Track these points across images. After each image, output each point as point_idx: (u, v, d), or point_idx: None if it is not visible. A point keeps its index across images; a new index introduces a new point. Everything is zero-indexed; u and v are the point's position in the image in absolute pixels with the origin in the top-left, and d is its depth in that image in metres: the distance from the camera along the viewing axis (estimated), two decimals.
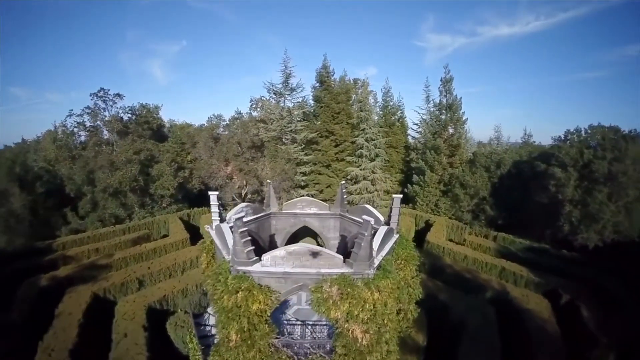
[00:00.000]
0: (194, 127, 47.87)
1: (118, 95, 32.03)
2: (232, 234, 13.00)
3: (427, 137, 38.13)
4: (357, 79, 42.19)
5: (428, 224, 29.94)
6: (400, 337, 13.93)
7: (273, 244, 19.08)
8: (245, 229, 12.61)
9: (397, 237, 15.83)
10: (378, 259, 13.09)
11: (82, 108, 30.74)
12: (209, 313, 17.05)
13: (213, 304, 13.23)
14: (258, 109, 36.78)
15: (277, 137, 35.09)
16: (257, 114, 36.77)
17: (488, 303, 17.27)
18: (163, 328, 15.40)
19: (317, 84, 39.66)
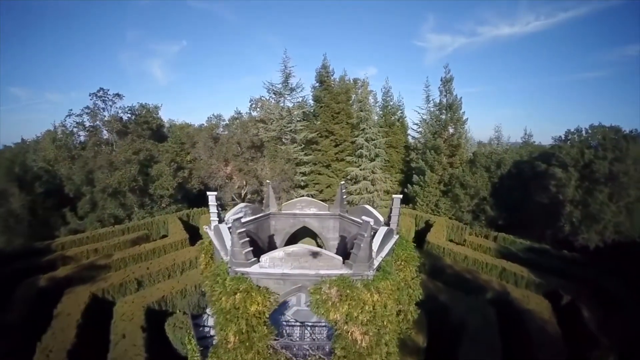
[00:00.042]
0: (194, 127, 47.83)
1: (117, 95, 31.99)
2: (230, 235, 12.91)
3: (427, 137, 38.04)
4: (357, 79, 42.13)
5: (428, 224, 29.85)
6: (400, 338, 13.84)
7: (272, 245, 18.98)
8: (244, 230, 12.51)
9: (397, 237, 15.72)
10: (378, 260, 13.01)
11: (81, 108, 30.77)
12: (208, 314, 16.94)
13: (211, 306, 13.15)
14: (258, 109, 36.75)
15: (276, 137, 35.04)
16: (256, 114, 36.73)
17: (488, 304, 17.20)
18: (161, 329, 15.33)
19: (317, 84, 39.61)
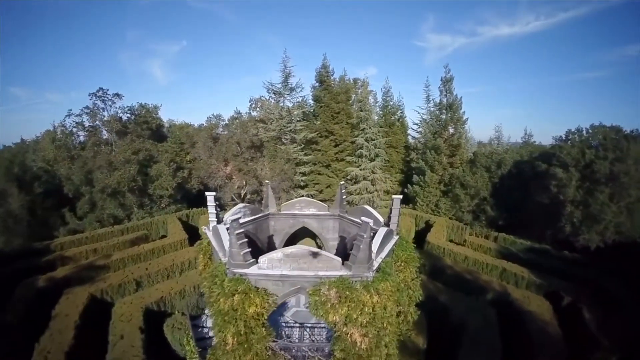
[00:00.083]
0: (193, 127, 47.74)
1: (117, 95, 31.85)
2: (228, 236, 12.83)
3: (427, 137, 37.91)
4: (357, 79, 41.99)
5: (428, 225, 29.75)
6: (400, 340, 13.75)
7: (271, 245, 18.90)
8: (242, 231, 12.43)
9: (396, 238, 15.62)
10: (377, 261, 12.91)
11: (81, 108, 30.66)
12: (207, 315, 16.86)
13: (209, 307, 13.07)
14: (257, 109, 36.68)
15: (276, 137, 34.97)
16: (256, 114, 36.66)
17: (489, 305, 17.11)
18: (160, 330, 15.25)
19: (316, 84, 39.48)
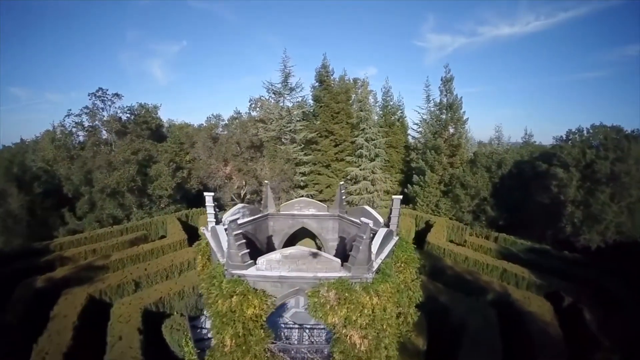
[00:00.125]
0: (193, 127, 47.70)
1: (116, 95, 31.81)
2: (226, 237, 12.75)
3: (427, 137, 37.83)
4: (356, 79, 41.96)
5: (428, 225, 29.69)
6: (400, 341, 13.65)
7: (270, 246, 18.81)
8: (240, 232, 12.34)
9: (396, 239, 15.52)
10: (377, 263, 12.81)
11: (80, 108, 30.61)
12: (206, 316, 16.80)
13: (207, 308, 13.00)
14: (257, 109, 36.62)
15: (276, 137, 34.90)
16: (256, 114, 36.61)
17: (489, 305, 17.04)
18: (159, 331, 15.20)
19: (316, 84, 39.43)
